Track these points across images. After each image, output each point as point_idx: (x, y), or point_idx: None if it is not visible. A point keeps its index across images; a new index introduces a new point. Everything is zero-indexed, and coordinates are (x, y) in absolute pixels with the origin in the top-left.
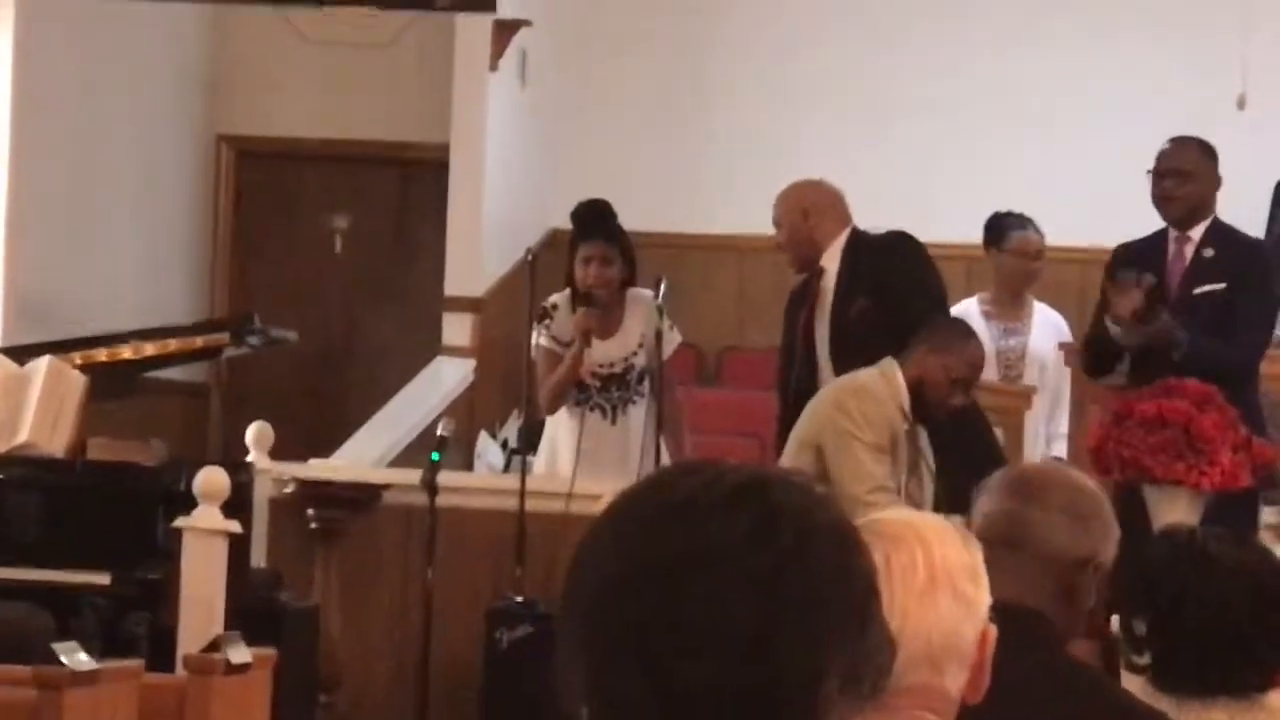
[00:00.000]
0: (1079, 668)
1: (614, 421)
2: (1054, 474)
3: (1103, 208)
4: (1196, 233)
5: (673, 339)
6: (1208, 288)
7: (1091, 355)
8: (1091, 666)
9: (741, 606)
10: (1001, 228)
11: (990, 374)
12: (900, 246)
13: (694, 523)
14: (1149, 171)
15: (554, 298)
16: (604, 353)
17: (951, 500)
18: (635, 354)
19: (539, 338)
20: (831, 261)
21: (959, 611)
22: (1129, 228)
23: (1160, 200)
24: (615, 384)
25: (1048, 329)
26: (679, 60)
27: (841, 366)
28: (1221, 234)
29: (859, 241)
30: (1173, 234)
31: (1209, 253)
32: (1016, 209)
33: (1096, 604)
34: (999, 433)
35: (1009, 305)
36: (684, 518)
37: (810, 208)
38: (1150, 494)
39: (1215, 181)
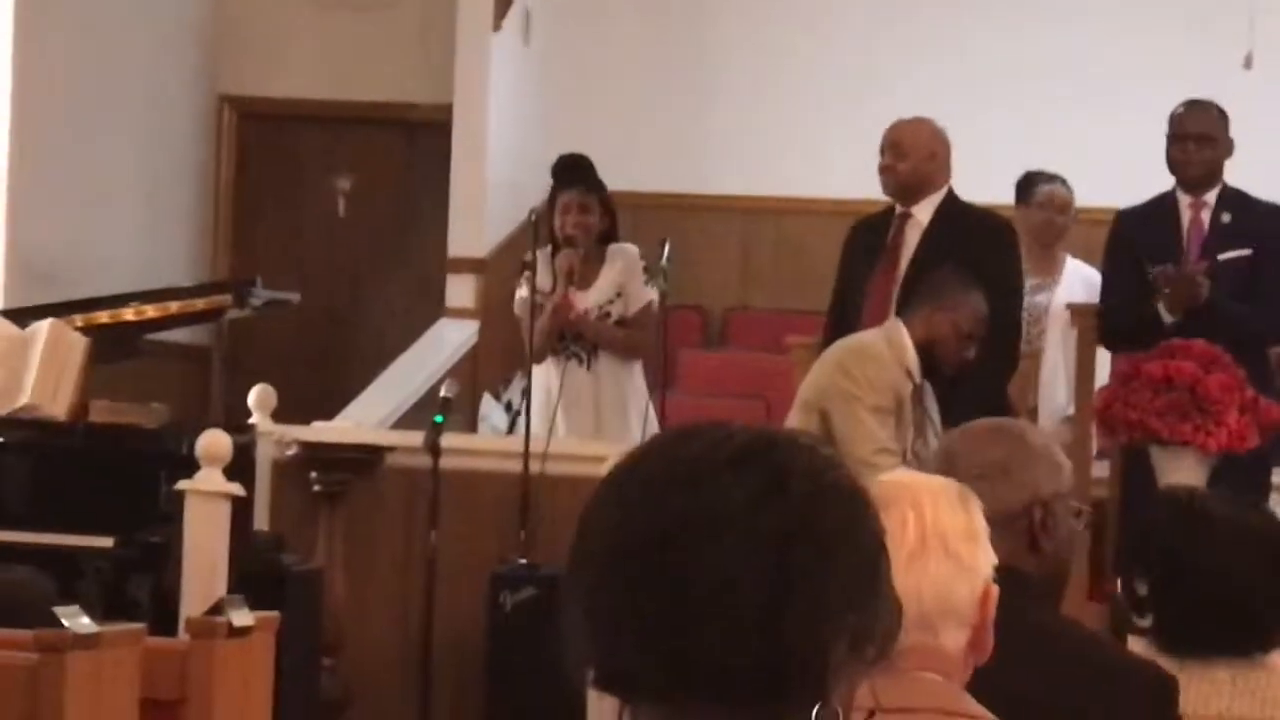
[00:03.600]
0: (1060, 621)
1: (589, 367)
2: (963, 441)
3: (1109, 170)
4: (1210, 197)
5: (646, 292)
6: (1233, 254)
7: (1126, 329)
8: (1073, 620)
9: (750, 570)
10: (1030, 183)
11: None
12: (1006, 233)
13: (700, 485)
14: (1168, 137)
15: (534, 254)
16: (581, 300)
17: None
18: (612, 303)
19: (520, 291)
20: (924, 213)
21: (950, 571)
22: (1133, 189)
23: (1180, 164)
24: (574, 337)
25: (1076, 285)
26: (683, 19)
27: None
28: (1237, 199)
29: (954, 205)
30: (1186, 199)
31: (1226, 218)
32: (1011, 173)
33: (1102, 566)
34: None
35: (1039, 260)
36: (690, 480)
37: (939, 152)
38: (1157, 455)
39: (1230, 146)
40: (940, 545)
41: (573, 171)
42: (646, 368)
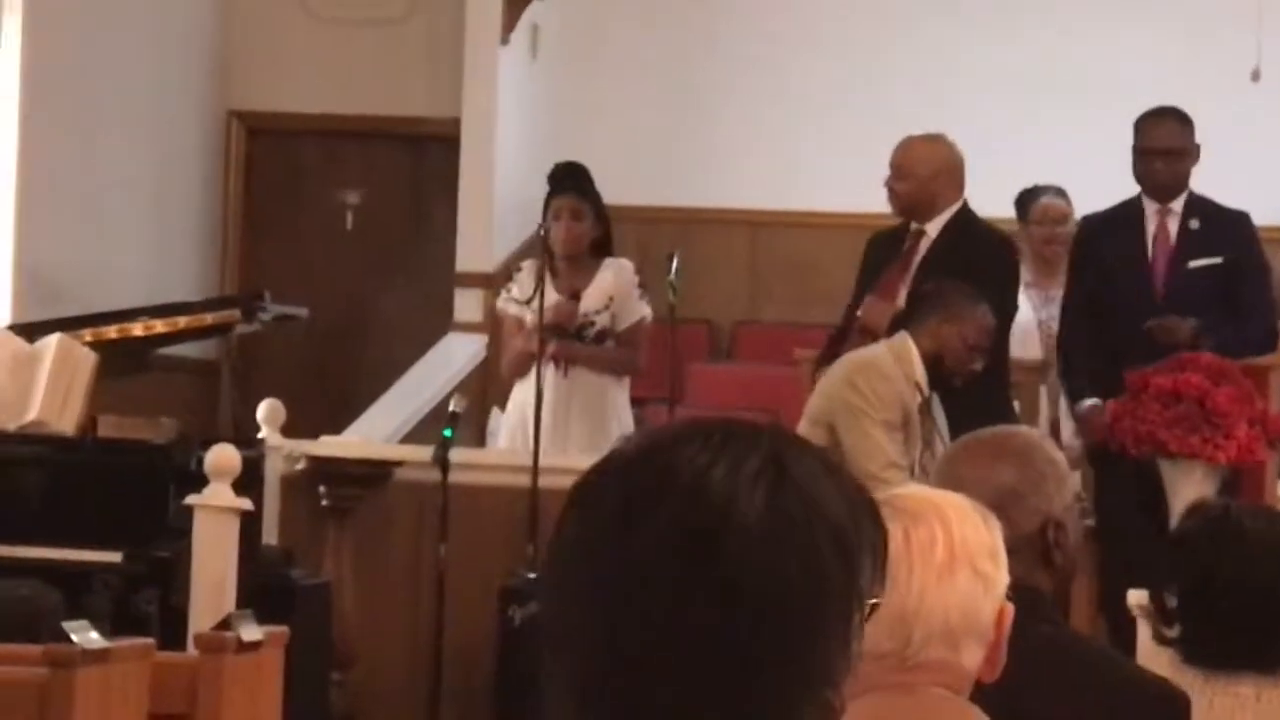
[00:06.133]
0: (1072, 637)
1: (565, 374)
2: (968, 464)
3: (1114, 181)
4: (1178, 205)
5: (639, 308)
6: (1203, 262)
7: (1079, 344)
8: (1085, 636)
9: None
10: (1027, 199)
11: (1034, 345)
12: (1004, 249)
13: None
14: (1134, 150)
15: (524, 262)
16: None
17: None
18: (599, 313)
19: (500, 299)
20: (935, 229)
21: (978, 589)
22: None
23: (1148, 179)
24: (571, 338)
25: None
26: (691, 32)
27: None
28: (1203, 205)
29: (966, 220)
30: (1152, 206)
31: (1195, 224)
32: (1019, 186)
33: (1105, 583)
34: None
35: (1045, 275)
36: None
37: (940, 171)
38: (1166, 468)
39: (1196, 153)
40: (968, 563)
41: (567, 178)
42: (635, 384)
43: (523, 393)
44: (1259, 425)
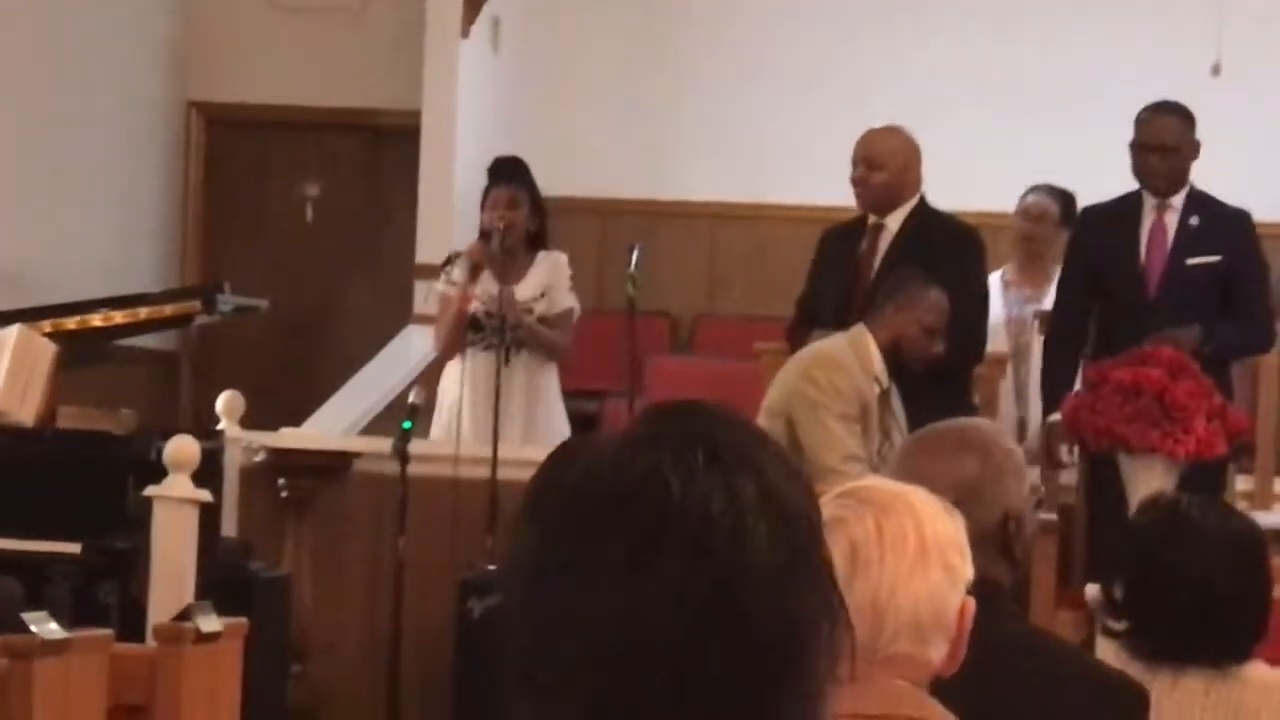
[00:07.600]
0: (1032, 632)
1: (507, 362)
2: (926, 460)
3: (1080, 178)
4: (1177, 201)
5: (569, 299)
6: (1201, 260)
7: (1064, 337)
8: (1044, 630)
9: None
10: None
11: (1000, 340)
12: (970, 242)
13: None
14: (1131, 145)
15: (461, 248)
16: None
17: None
18: (537, 301)
19: (438, 283)
20: (895, 222)
21: (946, 583)
22: (1098, 195)
23: (1144, 174)
24: (510, 326)
25: None
26: (652, 26)
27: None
28: (1203, 202)
29: (925, 213)
30: (1151, 201)
31: (1195, 221)
32: (983, 181)
33: (1069, 574)
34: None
35: (1029, 273)
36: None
37: (911, 163)
38: (1125, 463)
39: (1196, 149)
40: (939, 556)
41: (503, 169)
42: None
43: (453, 380)
44: (1218, 419)
